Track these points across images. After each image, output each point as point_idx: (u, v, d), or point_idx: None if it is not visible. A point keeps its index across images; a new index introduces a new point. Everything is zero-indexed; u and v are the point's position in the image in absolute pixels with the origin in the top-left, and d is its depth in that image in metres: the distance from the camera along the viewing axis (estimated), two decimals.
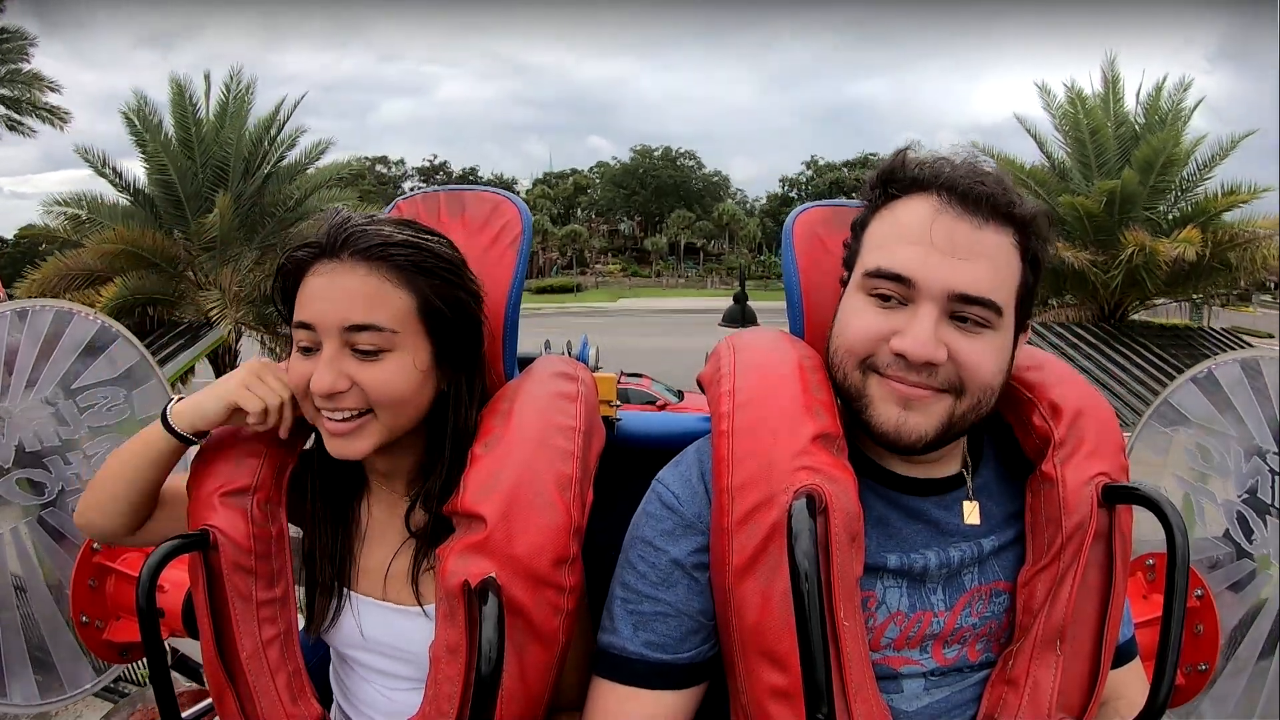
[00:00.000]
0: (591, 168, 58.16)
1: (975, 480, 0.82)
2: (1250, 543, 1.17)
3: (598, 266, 49.70)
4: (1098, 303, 11.22)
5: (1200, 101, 11.06)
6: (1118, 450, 0.80)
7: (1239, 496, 1.18)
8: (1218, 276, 10.92)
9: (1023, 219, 0.76)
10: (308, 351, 0.81)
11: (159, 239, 10.38)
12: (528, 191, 54.47)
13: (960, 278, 0.73)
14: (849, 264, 0.83)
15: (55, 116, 13.79)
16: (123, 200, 10.85)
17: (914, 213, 0.76)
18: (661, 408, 14.63)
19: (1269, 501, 1.16)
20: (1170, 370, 9.57)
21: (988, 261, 0.74)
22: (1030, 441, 0.81)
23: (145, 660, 0.83)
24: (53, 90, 14.09)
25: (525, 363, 1.01)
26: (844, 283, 0.83)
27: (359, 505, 0.93)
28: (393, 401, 0.80)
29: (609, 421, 1.05)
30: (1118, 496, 0.76)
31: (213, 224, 10.16)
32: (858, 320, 0.77)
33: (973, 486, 0.81)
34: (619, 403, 1.10)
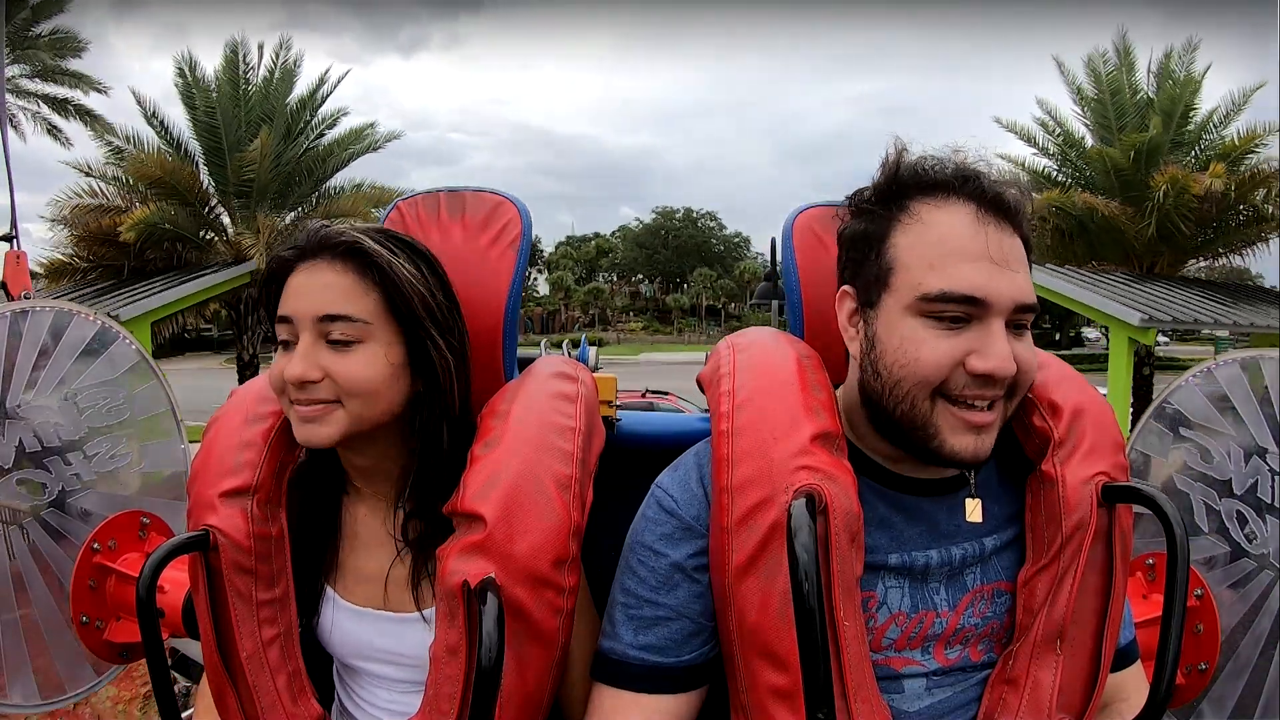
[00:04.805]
0: (613, 231, 57.87)
1: (976, 479, 0.82)
2: (1250, 543, 1.17)
3: (620, 325, 49.57)
4: (1130, 263, 11.26)
5: (1209, 67, 11.18)
6: (1117, 449, 0.80)
7: (1239, 496, 1.18)
8: (1246, 231, 10.99)
9: (1027, 220, 0.76)
10: (287, 346, 0.83)
11: (193, 175, 10.59)
12: (550, 253, 54.57)
13: (1019, 290, 0.72)
14: (861, 277, 0.77)
15: (96, 121, 13.60)
16: (163, 146, 11.00)
17: (955, 224, 0.73)
18: None
19: (1269, 501, 1.16)
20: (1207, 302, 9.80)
21: (1024, 267, 0.74)
22: (1030, 441, 0.81)
23: (145, 660, 0.83)
24: (99, 91, 13.97)
25: (525, 363, 1.01)
26: (866, 302, 0.77)
27: (346, 510, 0.93)
28: (362, 391, 0.81)
29: (609, 422, 1.05)
30: (1117, 496, 0.76)
31: (251, 159, 10.25)
32: (929, 350, 0.71)
33: (975, 485, 0.81)
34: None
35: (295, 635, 0.88)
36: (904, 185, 0.76)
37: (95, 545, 1.35)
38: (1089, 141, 11.86)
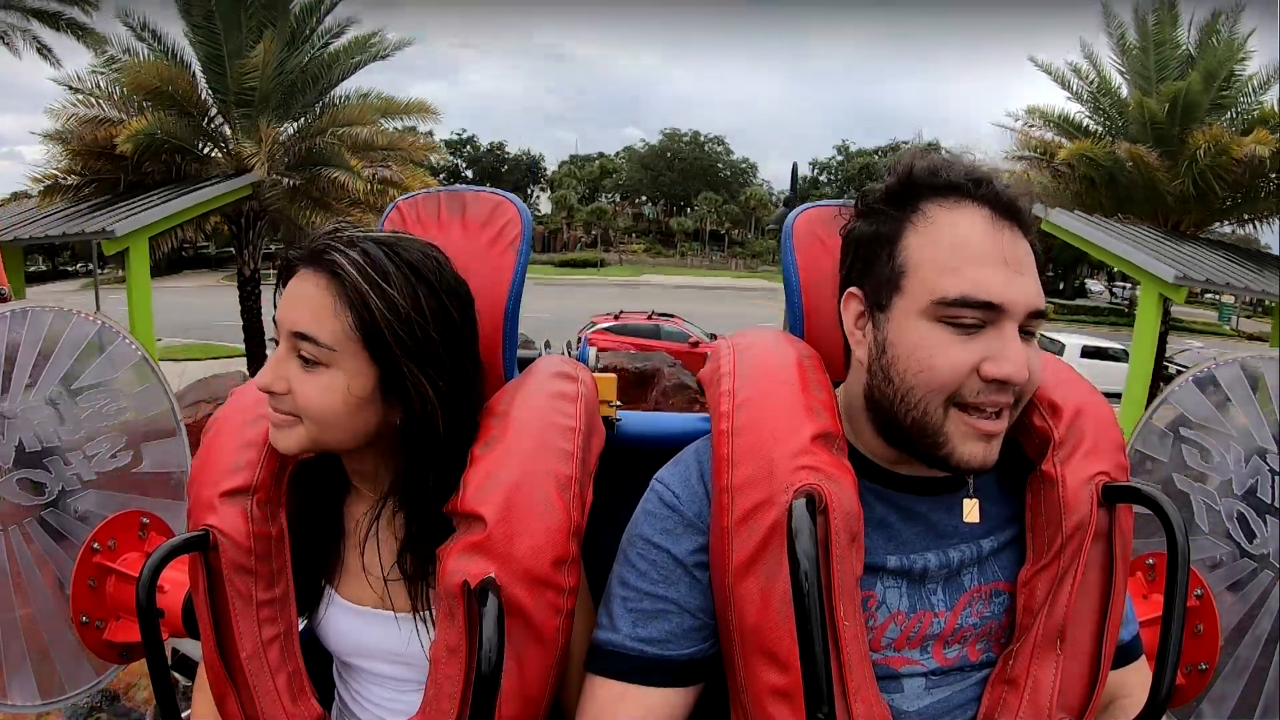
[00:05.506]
0: (618, 152, 56.39)
1: (975, 479, 0.82)
2: (1250, 543, 1.17)
3: (621, 246, 48.44)
4: (1156, 219, 11.15)
5: (1253, 31, 11.13)
6: (1117, 449, 0.80)
7: (1239, 496, 1.18)
8: (1275, 200, 10.90)
9: (1035, 227, 0.76)
10: (278, 345, 0.83)
11: (191, 84, 10.26)
12: (554, 172, 53.24)
13: (1033, 295, 0.71)
14: (871, 280, 0.76)
15: (89, 34, 12.87)
16: (159, 57, 10.56)
17: (969, 227, 0.72)
18: (695, 344, 14.53)
19: (1269, 501, 1.16)
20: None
21: (1035, 272, 0.73)
22: (1030, 442, 0.81)
23: (145, 660, 0.83)
24: (92, 6, 13.35)
25: (525, 363, 1.01)
26: (876, 305, 0.76)
27: (347, 509, 0.93)
28: (315, 416, 0.80)
29: (609, 421, 1.05)
30: (1117, 496, 0.76)
31: (253, 66, 9.90)
32: (944, 356, 0.70)
33: (973, 485, 0.81)
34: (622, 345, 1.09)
35: (295, 635, 0.88)
36: (917, 186, 0.75)
37: (95, 545, 1.35)
38: (1124, 91, 11.74)
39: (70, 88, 10.23)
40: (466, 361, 0.85)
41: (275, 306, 0.84)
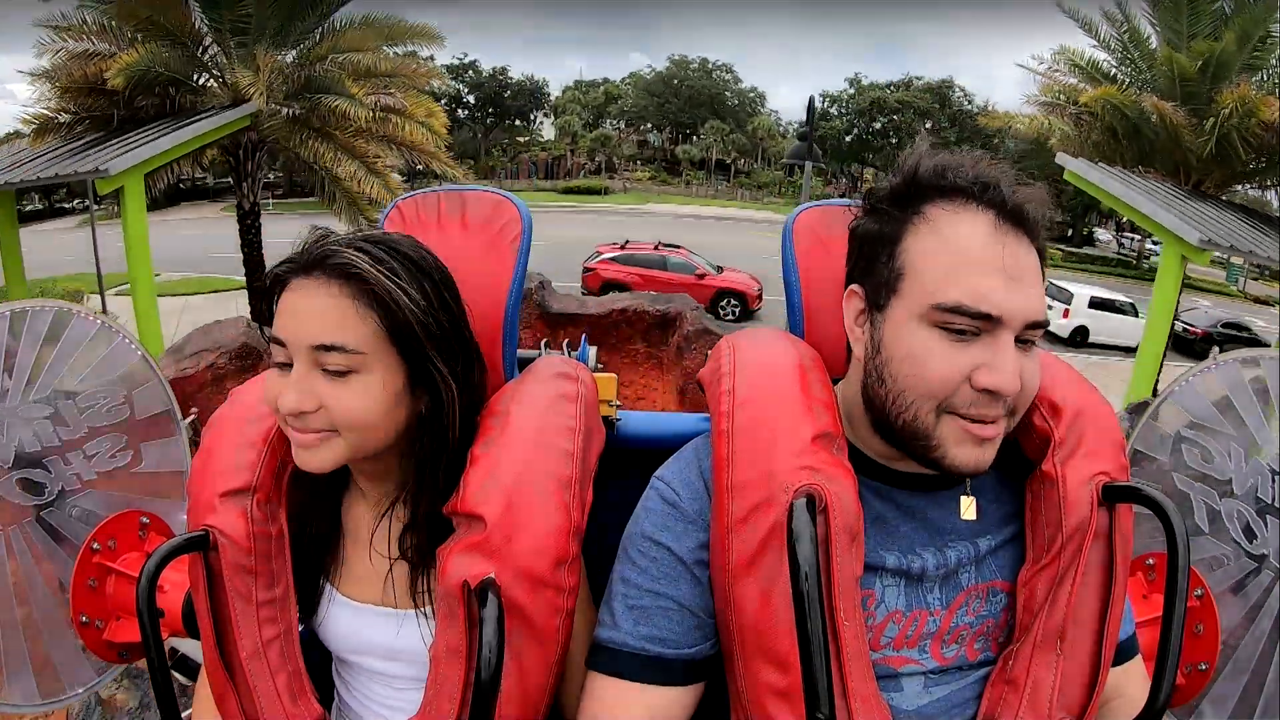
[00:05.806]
0: (623, 79, 54.62)
1: (974, 478, 0.82)
2: (1251, 543, 1.17)
3: (626, 174, 46.94)
4: (1178, 176, 10.91)
5: None
6: (1118, 449, 0.80)
7: (1239, 496, 1.18)
8: None
9: (1045, 232, 0.75)
10: (283, 368, 0.80)
11: (183, 12, 9.69)
12: (558, 98, 51.82)
13: (1033, 306, 0.71)
14: (872, 279, 0.76)
15: None
16: None
17: (972, 233, 0.71)
18: (701, 276, 14.42)
19: (1269, 501, 1.16)
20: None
21: (1038, 281, 0.73)
22: (1030, 441, 0.81)
23: (145, 660, 0.83)
24: None
25: (525, 363, 1.01)
26: (875, 304, 0.76)
27: (347, 507, 0.93)
28: (356, 424, 0.79)
29: (609, 421, 1.05)
30: (1118, 496, 0.76)
31: None
32: (937, 362, 0.70)
33: (971, 483, 0.81)
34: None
35: (295, 635, 0.88)
36: (921, 188, 0.75)
37: (95, 545, 1.35)
38: (1154, 43, 11.54)
39: (47, 26, 9.64)
40: (471, 349, 0.86)
41: (265, 325, 0.83)
